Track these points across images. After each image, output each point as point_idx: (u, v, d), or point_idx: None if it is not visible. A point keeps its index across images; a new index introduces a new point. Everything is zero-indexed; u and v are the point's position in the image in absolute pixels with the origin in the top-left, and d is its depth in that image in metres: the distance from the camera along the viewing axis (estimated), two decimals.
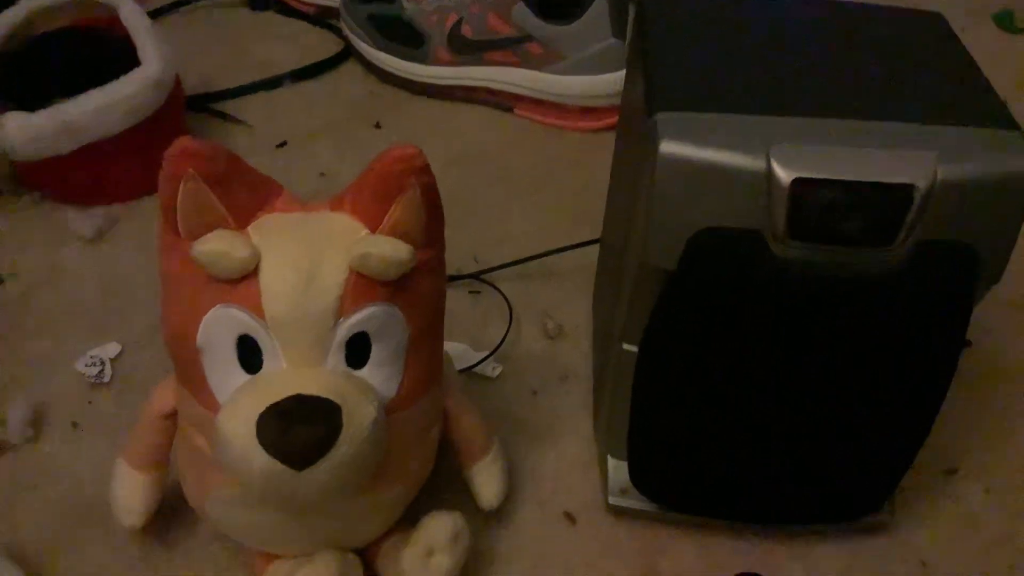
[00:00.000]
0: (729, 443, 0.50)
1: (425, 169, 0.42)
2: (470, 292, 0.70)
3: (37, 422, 0.59)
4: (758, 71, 0.45)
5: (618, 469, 0.54)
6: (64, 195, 0.76)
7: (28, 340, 0.65)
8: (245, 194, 0.42)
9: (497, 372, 0.64)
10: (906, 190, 0.40)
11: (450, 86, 0.89)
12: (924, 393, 0.47)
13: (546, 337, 0.67)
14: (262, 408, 0.39)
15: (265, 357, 0.41)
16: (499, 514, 0.55)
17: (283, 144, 0.84)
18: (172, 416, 0.47)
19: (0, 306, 0.67)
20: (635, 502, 0.54)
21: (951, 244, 0.42)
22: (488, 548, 0.54)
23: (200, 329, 0.42)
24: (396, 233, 0.42)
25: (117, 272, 0.71)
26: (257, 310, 0.41)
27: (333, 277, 0.41)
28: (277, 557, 0.48)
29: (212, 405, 0.42)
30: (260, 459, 0.39)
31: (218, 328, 0.42)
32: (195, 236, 0.41)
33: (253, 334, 0.41)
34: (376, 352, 0.43)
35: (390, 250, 0.41)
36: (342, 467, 0.40)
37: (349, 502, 0.45)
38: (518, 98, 0.88)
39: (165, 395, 0.47)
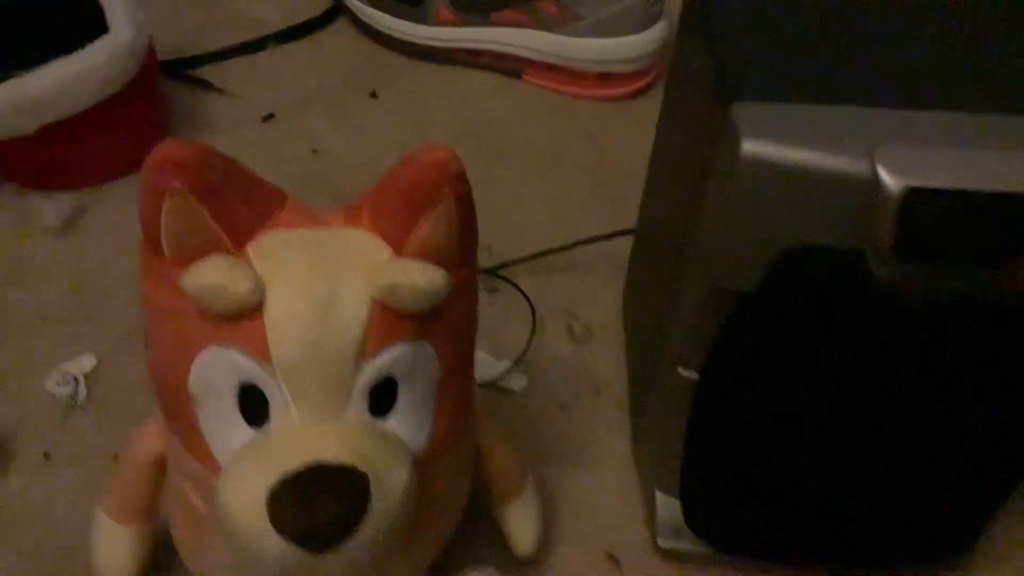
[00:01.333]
0: (803, 482, 0.44)
1: (460, 177, 0.35)
2: (486, 289, 0.63)
3: (4, 453, 0.52)
4: (854, 49, 0.38)
5: (668, 506, 0.48)
6: (29, 180, 0.68)
7: None
8: (243, 206, 0.35)
9: (522, 384, 0.57)
10: None
11: (452, 49, 0.81)
12: None
13: (572, 340, 0.60)
14: (274, 480, 0.32)
15: (272, 407, 0.34)
16: (535, 558, 0.48)
17: (270, 117, 0.75)
18: (159, 462, 0.41)
19: None
20: (689, 544, 0.48)
21: None
22: None
23: (192, 374, 0.35)
24: (425, 253, 0.35)
25: (89, 268, 0.63)
26: (262, 353, 0.34)
27: (354, 312, 0.34)
28: None
29: (209, 462, 0.35)
30: (274, 543, 0.32)
31: (214, 374, 0.34)
32: (184, 259, 0.34)
33: (257, 382, 0.34)
34: (404, 397, 0.36)
35: (422, 279, 0.34)
36: (370, 545, 0.33)
37: (370, 571, 0.38)
38: (527, 63, 0.80)
39: (149, 438, 0.40)
